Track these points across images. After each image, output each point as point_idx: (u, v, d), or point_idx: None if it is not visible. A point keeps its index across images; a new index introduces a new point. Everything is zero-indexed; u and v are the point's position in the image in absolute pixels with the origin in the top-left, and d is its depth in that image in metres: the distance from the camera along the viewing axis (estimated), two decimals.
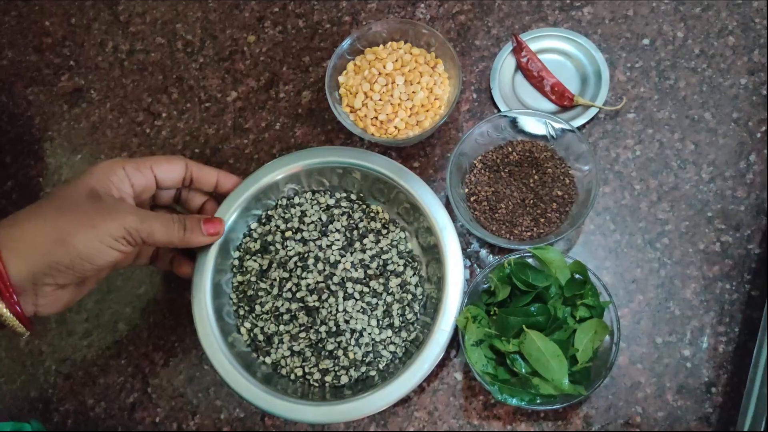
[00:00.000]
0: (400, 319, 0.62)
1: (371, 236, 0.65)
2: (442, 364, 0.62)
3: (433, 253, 0.62)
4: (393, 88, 0.66)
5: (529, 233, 0.62)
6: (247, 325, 0.63)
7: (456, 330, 0.59)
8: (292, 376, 0.62)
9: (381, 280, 0.63)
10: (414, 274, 0.64)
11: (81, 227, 0.51)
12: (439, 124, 0.65)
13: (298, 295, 0.63)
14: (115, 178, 0.56)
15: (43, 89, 0.78)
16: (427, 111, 0.66)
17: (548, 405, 0.56)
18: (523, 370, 0.56)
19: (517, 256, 0.59)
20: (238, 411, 0.63)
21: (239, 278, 0.65)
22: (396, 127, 0.66)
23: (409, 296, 0.63)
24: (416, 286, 0.63)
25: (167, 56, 0.78)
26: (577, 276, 0.58)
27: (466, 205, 0.64)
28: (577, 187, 0.63)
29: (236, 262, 0.65)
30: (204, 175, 0.62)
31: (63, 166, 0.74)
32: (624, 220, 0.65)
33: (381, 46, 0.69)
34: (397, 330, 0.62)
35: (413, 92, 0.66)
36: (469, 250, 0.66)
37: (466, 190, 0.65)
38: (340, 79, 0.69)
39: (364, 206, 0.66)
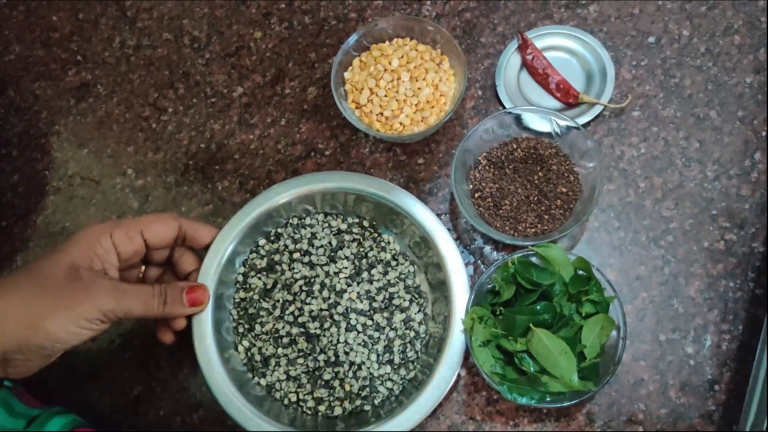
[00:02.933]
0: (401, 356, 0.61)
1: (380, 267, 0.64)
2: None
3: (441, 290, 0.61)
4: (398, 84, 0.67)
5: (533, 230, 0.63)
6: (246, 343, 0.62)
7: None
8: (286, 401, 0.61)
9: (385, 314, 0.62)
10: (419, 310, 0.63)
11: (54, 311, 0.51)
12: (444, 121, 0.65)
13: (300, 320, 0.62)
14: (100, 250, 0.54)
15: (50, 84, 0.79)
16: (433, 107, 0.66)
17: (557, 402, 0.55)
18: (532, 369, 0.55)
19: (520, 254, 0.59)
20: None
21: (242, 294, 0.64)
22: (401, 123, 0.66)
23: (412, 333, 0.62)
24: (420, 323, 0.62)
25: (174, 52, 0.78)
26: (580, 272, 0.58)
27: (470, 202, 0.64)
28: (582, 184, 0.63)
29: (240, 278, 0.64)
30: (199, 234, 0.60)
31: (69, 161, 0.75)
32: (628, 217, 0.65)
33: (387, 42, 0.69)
34: (396, 367, 0.61)
35: (418, 88, 0.66)
36: (472, 246, 0.66)
37: (471, 186, 0.65)
38: (346, 75, 0.69)
39: (376, 235, 0.65)
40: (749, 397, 0.55)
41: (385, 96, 0.67)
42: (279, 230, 0.65)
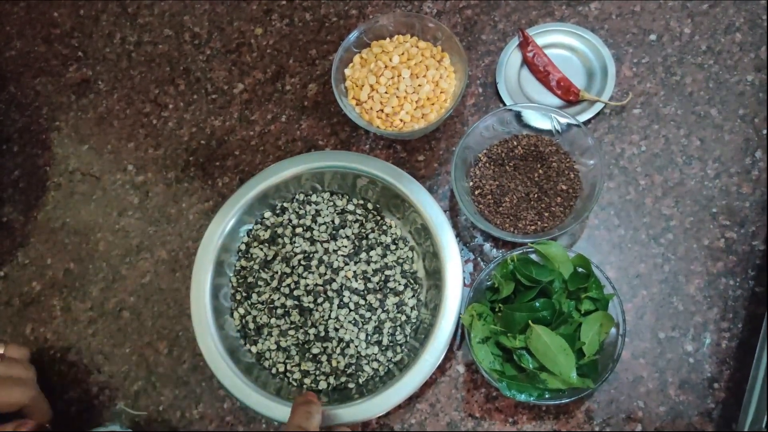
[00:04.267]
0: (389, 338, 0.62)
1: (379, 249, 0.64)
2: (445, 357, 0.62)
3: (436, 279, 0.62)
4: (399, 81, 0.67)
5: (533, 227, 0.63)
6: (241, 311, 0.64)
7: (460, 324, 0.59)
8: (274, 371, 0.62)
9: (379, 296, 0.63)
10: (413, 296, 0.63)
11: None
12: (445, 118, 0.65)
13: (295, 292, 0.63)
14: None
15: (51, 80, 0.79)
16: (433, 104, 0.66)
17: (556, 399, 0.56)
18: (531, 366, 0.55)
19: (520, 251, 0.59)
20: None
21: (243, 263, 0.65)
22: (401, 120, 0.66)
23: (403, 317, 0.62)
24: (412, 309, 0.63)
25: (174, 48, 0.78)
26: (580, 270, 0.58)
27: (470, 199, 0.64)
28: (582, 181, 0.63)
29: (243, 247, 0.66)
30: None
31: (70, 156, 0.75)
32: (628, 215, 0.65)
33: (387, 39, 0.69)
34: (384, 348, 0.62)
35: (419, 85, 0.66)
36: (472, 243, 0.66)
37: (471, 183, 0.65)
38: (347, 71, 0.69)
39: (379, 218, 0.66)
40: (748, 395, 0.55)
41: (386, 93, 0.67)
42: (285, 204, 0.67)
